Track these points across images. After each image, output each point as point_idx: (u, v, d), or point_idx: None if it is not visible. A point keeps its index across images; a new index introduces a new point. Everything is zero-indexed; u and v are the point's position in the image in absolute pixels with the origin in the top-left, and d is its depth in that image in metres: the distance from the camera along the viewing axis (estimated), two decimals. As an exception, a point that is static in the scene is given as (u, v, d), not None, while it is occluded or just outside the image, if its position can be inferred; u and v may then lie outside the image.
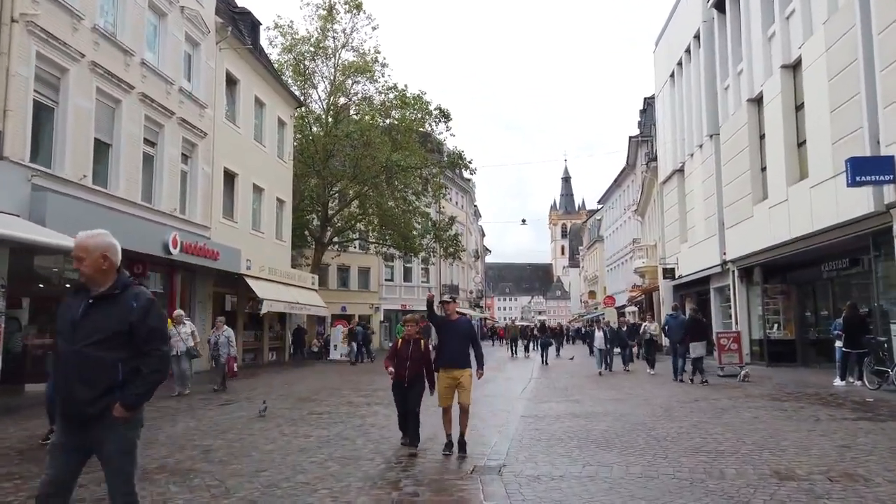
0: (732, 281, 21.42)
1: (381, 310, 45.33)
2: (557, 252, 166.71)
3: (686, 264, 26.02)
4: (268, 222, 24.52)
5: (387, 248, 35.46)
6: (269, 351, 24.91)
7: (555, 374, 19.57)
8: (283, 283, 23.85)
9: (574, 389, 14.34)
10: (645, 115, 43.75)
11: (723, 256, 21.71)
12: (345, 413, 10.43)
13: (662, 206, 29.69)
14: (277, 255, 25.09)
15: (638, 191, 44.07)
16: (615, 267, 56.48)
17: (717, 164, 22.05)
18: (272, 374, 18.97)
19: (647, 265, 33.83)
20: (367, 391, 14.05)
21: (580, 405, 11.42)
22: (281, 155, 26.34)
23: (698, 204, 24.13)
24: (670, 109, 27.73)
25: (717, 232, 22.18)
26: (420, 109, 32.57)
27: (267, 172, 24.46)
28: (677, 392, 13.20)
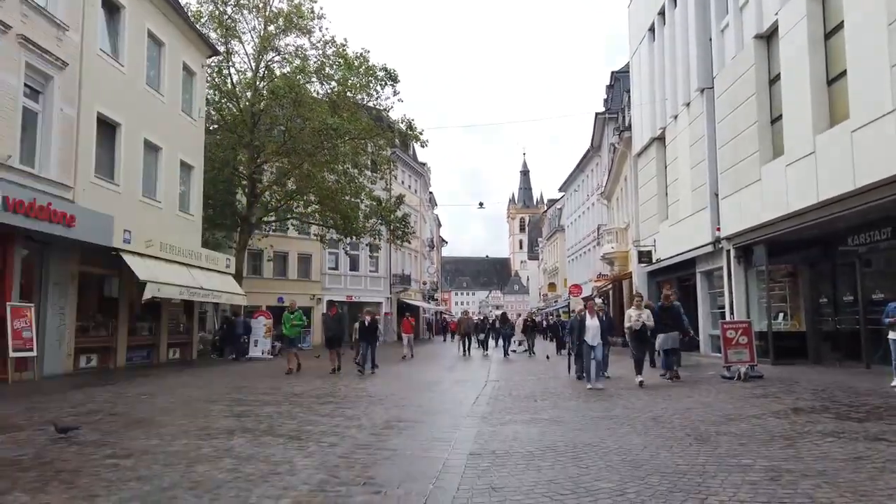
0: (727, 262, 17.93)
1: (324, 301, 40.86)
2: (516, 246, 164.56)
3: (666, 246, 22.53)
4: (167, 190, 19.91)
5: (326, 231, 31.04)
6: (168, 348, 20.31)
7: (517, 374, 15.70)
8: (183, 264, 19.30)
9: (545, 399, 10.43)
10: (612, 91, 40.44)
11: (715, 233, 18.21)
12: (173, 454, 6.21)
13: (637, 181, 26.19)
14: (181, 230, 20.50)
15: (604, 173, 40.76)
16: (577, 257, 53.28)
17: (710, 122, 18.52)
18: (152, 379, 14.53)
19: (616, 250, 30.38)
20: (248, 406, 9.83)
21: (559, 428, 7.49)
22: (188, 111, 21.70)
23: (683, 173, 20.61)
24: (648, 69, 24.17)
25: (707, 204, 18.68)
26: (366, 74, 28.23)
27: (166, 128, 19.84)
28: (688, 402, 9.42)
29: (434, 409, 9.53)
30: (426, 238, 59.04)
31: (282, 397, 10.76)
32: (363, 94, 28.86)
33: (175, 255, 18.91)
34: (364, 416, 8.59)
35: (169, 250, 18.53)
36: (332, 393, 11.55)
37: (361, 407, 9.57)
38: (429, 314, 57.83)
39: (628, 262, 29.75)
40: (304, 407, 9.53)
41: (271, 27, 27.13)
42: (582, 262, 50.89)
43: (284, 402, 10.04)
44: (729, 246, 17.69)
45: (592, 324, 12.04)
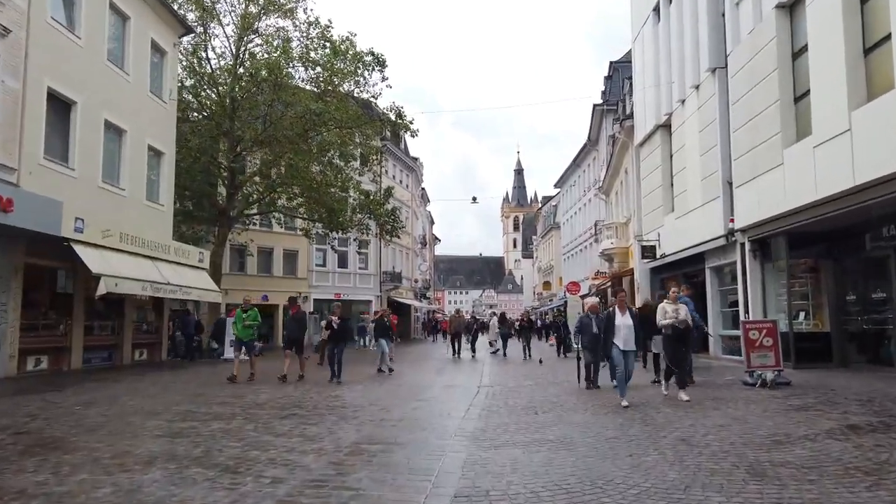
0: (741, 256, 16.45)
1: (311, 299, 39.25)
2: (509, 245, 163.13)
3: (671, 240, 21.04)
4: (133, 177, 18.29)
5: (311, 225, 29.41)
6: (133, 349, 18.68)
7: (512, 379, 14.16)
8: (148, 257, 17.68)
9: (547, 411, 8.91)
10: (610, 82, 39.06)
11: (728, 225, 16.72)
12: (54, 500, 4.64)
13: (639, 173, 24.69)
14: (148, 221, 18.88)
15: (602, 168, 39.32)
16: (573, 254, 51.87)
17: (723, 104, 17.04)
18: (104, 384, 12.92)
19: (616, 246, 28.91)
20: (193, 422, 8.25)
21: (569, 455, 5.97)
22: (158, 93, 20.07)
23: (692, 162, 19.12)
24: (653, 52, 22.67)
25: (720, 194, 17.20)
26: (353, 60, 26.60)
27: (132, 110, 18.22)
28: (717, 417, 7.91)
29: (416, 425, 7.97)
30: (418, 235, 57.48)
31: (239, 409, 9.18)
32: (350, 82, 27.25)
33: (139, 248, 17.30)
34: (329, 436, 7.04)
35: (132, 242, 16.92)
36: (300, 403, 9.98)
37: (328, 423, 8.01)
38: (421, 313, 56.23)
39: (628, 258, 28.29)
40: (259, 423, 7.96)
41: (252, 7, 25.51)
42: (578, 259, 49.48)
43: (238, 416, 8.47)
44: (744, 239, 16.22)
45: (624, 322, 9.43)
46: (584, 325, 11.74)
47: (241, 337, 13.91)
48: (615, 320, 9.51)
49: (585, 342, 11.64)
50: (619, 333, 9.40)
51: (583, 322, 11.87)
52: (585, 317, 11.85)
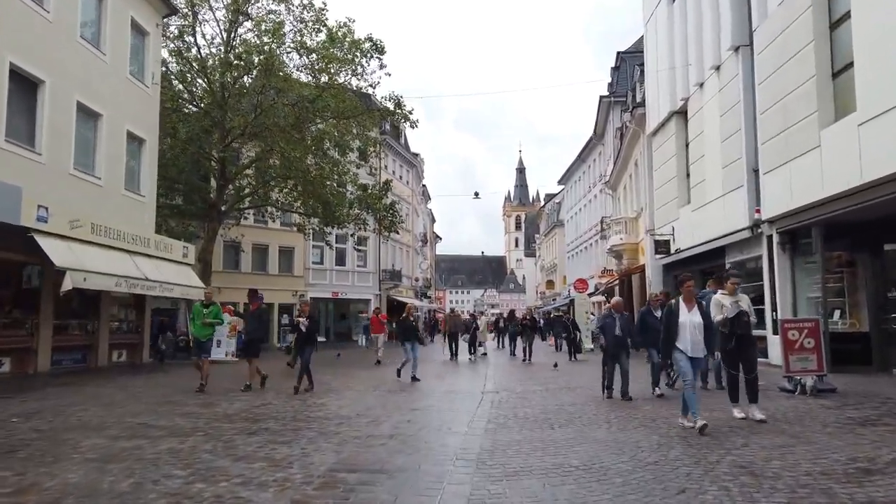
0: (768, 250, 15.11)
1: (308, 298, 37.85)
2: (511, 244, 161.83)
3: (687, 233, 19.71)
4: (110, 165, 16.98)
5: (306, 220, 28.10)
6: (110, 350, 17.37)
7: (519, 383, 12.79)
8: (125, 251, 16.37)
9: (565, 425, 7.58)
10: (618, 73, 37.72)
11: (754, 216, 15.38)
12: None
13: (651, 164, 23.35)
14: (128, 212, 17.58)
15: (608, 162, 37.99)
16: (578, 252, 50.51)
17: (747, 85, 15.69)
18: (67, 389, 11.61)
19: (626, 242, 27.56)
20: (139, 440, 6.93)
21: (602, 488, 4.64)
22: (140, 76, 18.78)
23: (711, 149, 17.77)
24: (667, 34, 21.31)
25: (744, 182, 15.85)
26: (351, 47, 25.28)
27: (109, 93, 16.92)
28: (771, 435, 6.57)
29: (409, 444, 6.63)
30: (419, 232, 56.15)
31: (203, 422, 7.86)
32: (348, 71, 25.93)
33: (115, 240, 15.97)
34: (300, 461, 5.71)
35: (106, 234, 15.59)
36: (277, 414, 8.65)
37: (304, 441, 6.68)
38: (421, 312, 54.84)
39: (638, 254, 26.97)
40: (220, 441, 6.64)
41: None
42: (583, 257, 48.11)
43: (199, 432, 7.15)
44: (771, 230, 14.87)
45: (692, 321, 7.12)
46: (606, 325, 10.22)
47: (197, 336, 11.57)
48: (678, 317, 7.19)
49: (607, 345, 10.21)
50: (685, 334, 7.10)
51: (605, 322, 10.32)
52: (608, 316, 10.38)
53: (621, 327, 9.93)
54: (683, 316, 7.19)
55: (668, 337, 7.23)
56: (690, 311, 7.23)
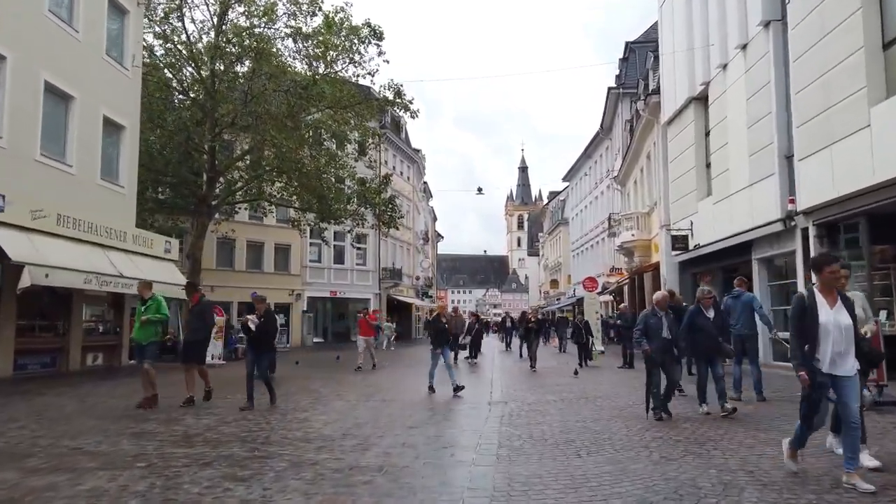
0: (803, 244, 13.70)
1: (305, 297, 36.65)
2: (514, 244, 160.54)
3: (708, 228, 18.32)
4: (83, 151, 15.62)
5: (301, 215, 26.75)
6: (84, 353, 16.01)
7: (530, 391, 11.38)
8: (97, 245, 15.02)
9: (594, 452, 6.19)
10: (626, 64, 36.31)
11: (787, 207, 13.98)
12: None
13: (666, 155, 21.95)
14: (103, 203, 16.23)
15: (616, 157, 36.63)
16: (583, 250, 49.15)
17: (779, 63, 14.31)
18: (18, 399, 10.23)
19: (637, 238, 26.16)
20: (57, 475, 5.54)
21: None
22: (118, 57, 17.42)
23: (736, 135, 16.37)
24: (685, 14, 19.90)
25: (775, 170, 14.46)
26: (349, 34, 23.91)
27: (83, 73, 15.58)
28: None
29: (401, 485, 5.19)
30: (420, 230, 54.77)
31: (153, 447, 6.47)
32: (345, 59, 24.56)
33: (86, 233, 14.64)
34: (256, 509, 4.34)
35: (76, 226, 14.26)
36: (248, 435, 7.27)
37: (268, 477, 5.27)
38: (423, 312, 53.40)
39: (651, 251, 25.58)
40: (161, 476, 5.23)
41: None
42: (589, 256, 46.75)
43: (138, 463, 5.74)
44: (807, 223, 13.46)
45: (838, 321, 4.80)
46: (650, 326, 8.18)
47: (137, 339, 9.53)
48: (818, 315, 4.80)
49: (654, 352, 8.13)
50: (827, 340, 4.77)
51: (648, 322, 8.23)
52: (652, 315, 8.27)
53: (669, 329, 8.09)
54: (825, 314, 4.81)
55: (800, 345, 4.87)
56: (835, 307, 4.86)
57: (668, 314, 8.21)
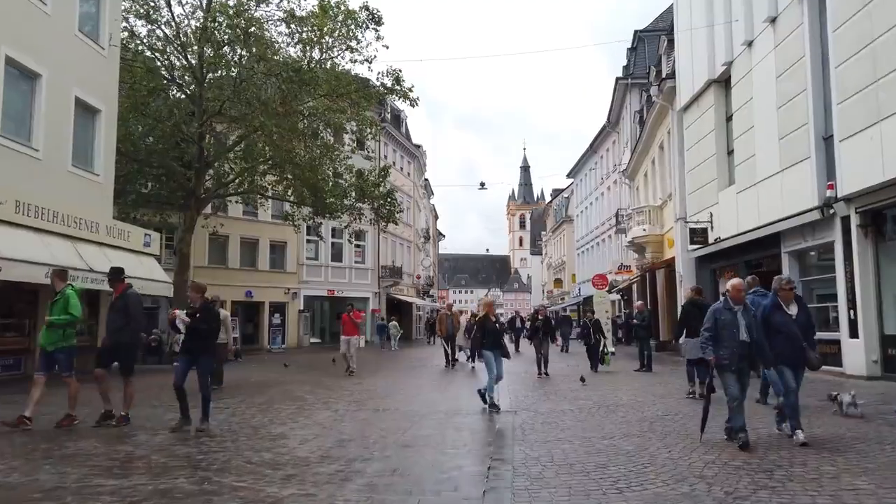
0: (844, 234, 12.33)
1: (301, 296, 35.31)
2: (515, 243, 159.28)
3: (730, 219, 16.97)
4: (52, 135, 14.27)
5: (296, 210, 25.44)
6: (54, 354, 14.67)
7: (542, 400, 10.00)
8: (64, 236, 13.71)
9: (630, 477, 4.86)
10: (635, 54, 34.95)
11: (826, 193, 12.63)
12: None
13: (682, 143, 20.59)
14: (75, 192, 14.89)
15: (624, 150, 35.29)
16: (589, 248, 47.80)
17: (815, 35, 12.98)
18: None
19: (649, 234, 24.78)
20: None
21: None
22: (93, 35, 16.09)
23: (764, 117, 15.01)
24: (704, -8, 18.54)
25: (811, 153, 13.10)
26: (346, 19, 22.60)
27: (51, 51, 14.22)
28: None
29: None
30: (421, 228, 53.43)
31: (77, 475, 5.14)
32: (341, 46, 23.26)
33: (51, 224, 13.31)
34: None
35: (39, 215, 12.94)
36: (205, 457, 5.94)
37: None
38: (423, 311, 52.09)
39: (664, 247, 24.23)
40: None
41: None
42: (595, 254, 45.40)
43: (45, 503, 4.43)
44: (849, 210, 12.10)
45: None
46: (723, 324, 6.24)
47: (43, 345, 7.88)
48: None
49: (724, 357, 6.16)
50: None
51: (720, 319, 6.28)
52: (726, 309, 6.30)
53: (747, 329, 6.14)
54: None
55: None
56: None
57: (746, 309, 6.28)
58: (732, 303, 6.27)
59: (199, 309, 7.63)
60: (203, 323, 7.56)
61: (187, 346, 7.68)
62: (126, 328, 7.81)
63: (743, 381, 6.21)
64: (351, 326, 16.11)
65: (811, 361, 6.25)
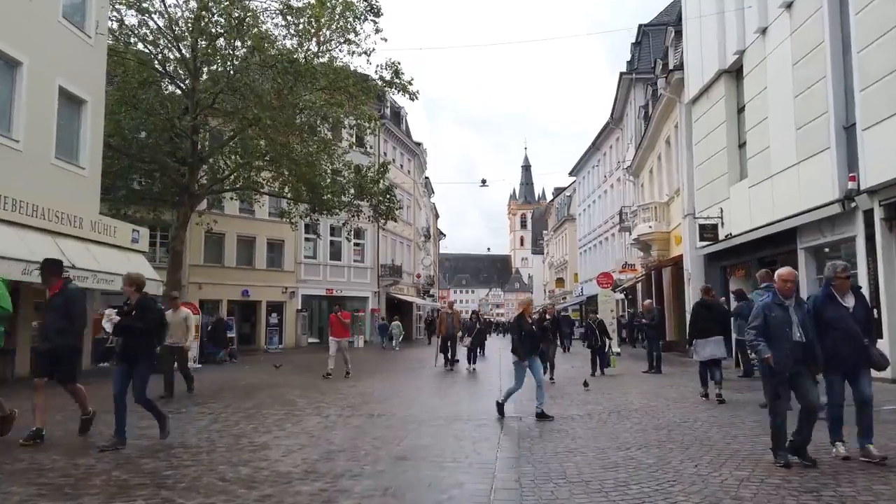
0: (867, 229, 11.67)
1: (299, 295, 34.66)
2: (516, 243, 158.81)
3: (742, 215, 16.30)
4: (33, 126, 13.63)
5: (292, 207, 24.80)
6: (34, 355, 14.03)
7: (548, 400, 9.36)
8: (45, 231, 13.07)
9: (658, 496, 4.22)
10: (639, 49, 34.33)
11: (847, 185, 11.95)
12: None
13: (690, 136, 19.92)
14: (58, 185, 14.25)
15: (628, 147, 34.64)
16: (591, 247, 47.14)
17: (835, 19, 12.29)
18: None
19: (655, 231, 24.12)
20: None
21: None
22: (79, 23, 15.45)
23: (780, 107, 14.33)
24: (714, -21, 17.86)
25: (831, 143, 12.42)
26: (344, 11, 21.96)
27: (32, 37, 13.60)
28: None
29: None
30: (421, 227, 52.77)
31: (17, 499, 4.49)
32: (339, 38, 22.64)
33: (30, 217, 12.67)
34: None
35: (16, 208, 12.29)
36: (169, 475, 5.29)
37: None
38: (424, 311, 51.43)
39: (670, 244, 23.57)
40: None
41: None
42: (598, 252, 44.74)
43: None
44: (872, 203, 11.43)
45: None
46: (773, 322, 5.33)
47: None
48: None
49: (777, 360, 5.25)
50: None
51: (769, 315, 5.38)
52: (774, 304, 5.43)
53: (802, 327, 5.29)
54: None
55: None
56: None
57: (799, 304, 5.41)
58: (782, 296, 5.39)
59: (134, 305, 6.58)
60: (138, 321, 6.45)
61: (122, 350, 6.67)
62: (68, 330, 6.75)
63: (800, 388, 5.27)
64: (339, 328, 15.18)
65: (876, 361, 5.33)
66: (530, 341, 8.40)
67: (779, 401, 5.33)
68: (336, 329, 15.15)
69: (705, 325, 10.20)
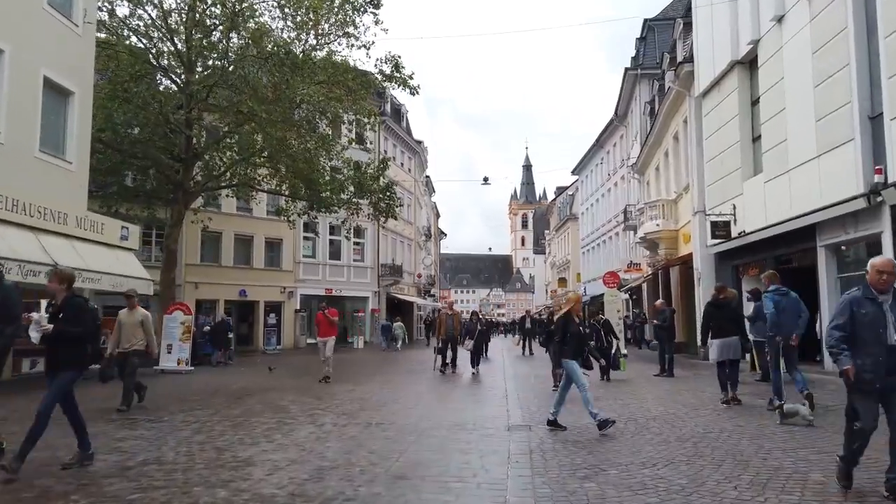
0: (893, 225, 11.01)
1: (298, 295, 34.02)
2: (518, 243, 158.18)
3: (757, 211, 15.65)
4: (16, 118, 13.01)
5: (290, 204, 24.19)
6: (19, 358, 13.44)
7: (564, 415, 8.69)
8: (28, 228, 12.44)
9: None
10: (644, 44, 33.64)
11: (873, 178, 11.29)
12: None
13: (700, 131, 19.25)
14: (43, 180, 13.63)
15: (632, 144, 33.99)
16: (594, 247, 46.46)
17: (858, 4, 11.63)
18: None
19: (663, 229, 23.45)
20: None
21: None
22: (65, 11, 14.82)
23: (799, 97, 13.66)
24: (726, -34, 17.19)
25: (855, 134, 11.75)
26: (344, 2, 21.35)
27: (13, 24, 12.99)
28: None
29: None
30: (422, 226, 52.12)
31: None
32: (337, 31, 22.02)
33: (9, 213, 12.03)
34: None
35: (0, 204, 11.66)
36: (135, 499, 4.65)
37: None
38: (424, 311, 50.76)
39: (679, 243, 22.89)
40: None
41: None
42: (601, 252, 44.07)
43: None
44: (899, 197, 10.78)
45: None
46: (862, 319, 4.42)
47: None
48: None
49: (867, 369, 4.34)
50: None
51: (856, 311, 4.45)
52: (864, 299, 4.46)
53: None
54: None
55: None
56: None
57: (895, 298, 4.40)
58: (876, 291, 4.39)
59: (61, 305, 5.61)
60: (73, 326, 5.51)
61: (49, 357, 5.69)
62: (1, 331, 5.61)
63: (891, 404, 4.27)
64: (327, 326, 14.34)
65: None
66: (577, 343, 7.60)
67: (858, 423, 4.35)
68: (323, 328, 14.35)
69: (718, 326, 9.64)
